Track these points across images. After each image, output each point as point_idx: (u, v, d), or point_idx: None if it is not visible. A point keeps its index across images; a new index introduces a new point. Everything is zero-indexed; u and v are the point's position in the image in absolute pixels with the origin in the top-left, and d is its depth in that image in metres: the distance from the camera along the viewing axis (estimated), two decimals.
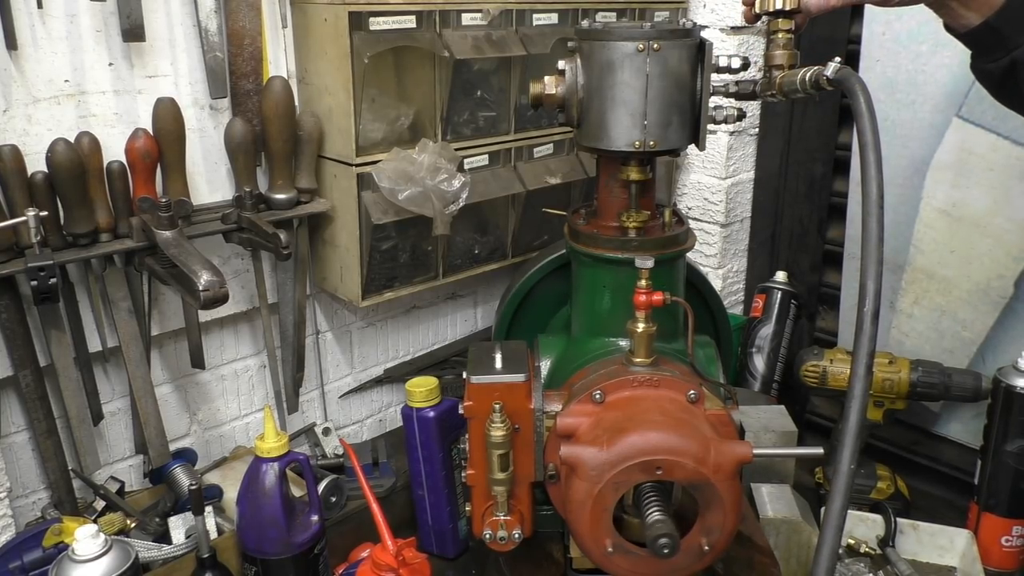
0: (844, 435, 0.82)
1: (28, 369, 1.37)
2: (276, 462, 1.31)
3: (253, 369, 1.75)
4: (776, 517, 1.49)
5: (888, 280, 1.85)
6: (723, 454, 1.02)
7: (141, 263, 1.42)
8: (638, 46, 1.12)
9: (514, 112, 1.77)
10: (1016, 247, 1.68)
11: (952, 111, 1.72)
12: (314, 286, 1.77)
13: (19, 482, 1.46)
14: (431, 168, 1.58)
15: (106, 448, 1.57)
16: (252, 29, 1.50)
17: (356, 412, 1.96)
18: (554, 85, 1.20)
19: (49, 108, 1.34)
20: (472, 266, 1.83)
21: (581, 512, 1.04)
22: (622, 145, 1.17)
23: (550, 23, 1.76)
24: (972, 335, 1.79)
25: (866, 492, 1.74)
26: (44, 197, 1.31)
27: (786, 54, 1.12)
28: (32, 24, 1.30)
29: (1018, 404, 1.50)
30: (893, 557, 1.53)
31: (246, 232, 1.49)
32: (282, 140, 1.52)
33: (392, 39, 1.52)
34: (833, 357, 1.77)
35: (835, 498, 0.81)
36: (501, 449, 1.11)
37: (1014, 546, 1.55)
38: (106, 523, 1.38)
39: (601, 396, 1.10)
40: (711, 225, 2.19)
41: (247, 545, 1.34)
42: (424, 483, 1.53)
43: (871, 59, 1.83)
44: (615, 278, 1.25)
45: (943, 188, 1.76)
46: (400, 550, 1.33)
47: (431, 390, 1.49)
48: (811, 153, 2.06)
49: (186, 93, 1.48)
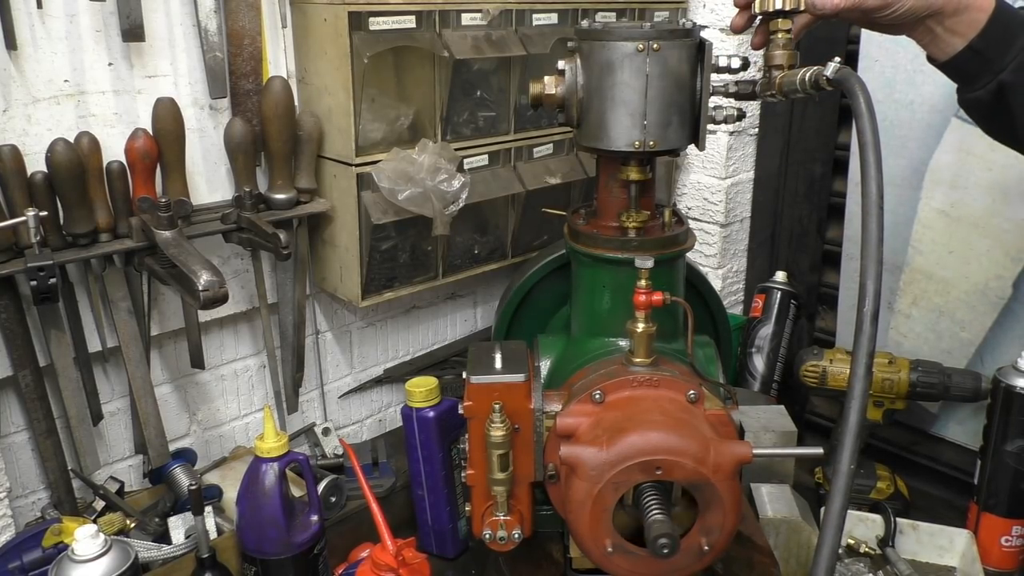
0: (844, 435, 0.82)
1: (28, 369, 1.37)
2: (276, 462, 1.31)
3: (253, 369, 1.75)
4: (776, 517, 1.49)
5: (886, 280, 1.85)
6: (723, 454, 1.02)
7: (141, 263, 1.42)
8: (638, 46, 1.12)
9: (514, 112, 1.77)
10: (1015, 248, 1.68)
11: (951, 111, 1.71)
12: (314, 286, 1.77)
13: (19, 482, 1.46)
14: (431, 168, 1.58)
15: (106, 448, 1.57)
16: (252, 29, 1.50)
17: (356, 412, 1.96)
18: (554, 85, 1.20)
19: (49, 108, 1.34)
20: (472, 266, 1.83)
21: (581, 512, 1.04)
22: (622, 145, 1.17)
23: (550, 23, 1.76)
24: (970, 336, 1.79)
25: (866, 492, 1.75)
26: (44, 197, 1.31)
27: (786, 54, 1.12)
28: (32, 24, 1.30)
29: (1018, 404, 1.50)
30: (893, 557, 1.53)
31: (246, 232, 1.49)
32: (282, 140, 1.52)
33: (392, 39, 1.52)
34: (833, 357, 1.77)
35: (835, 498, 0.81)
36: (501, 449, 1.12)
37: (1014, 546, 1.55)
38: (106, 523, 1.38)
39: (601, 396, 1.10)
40: (711, 225, 2.19)
41: (247, 545, 1.34)
42: (424, 483, 1.53)
43: (870, 59, 1.83)
44: (615, 278, 1.25)
45: (942, 188, 1.76)
46: (400, 550, 1.33)
47: (431, 390, 1.49)
48: (810, 153, 2.06)
49: (186, 93, 1.48)
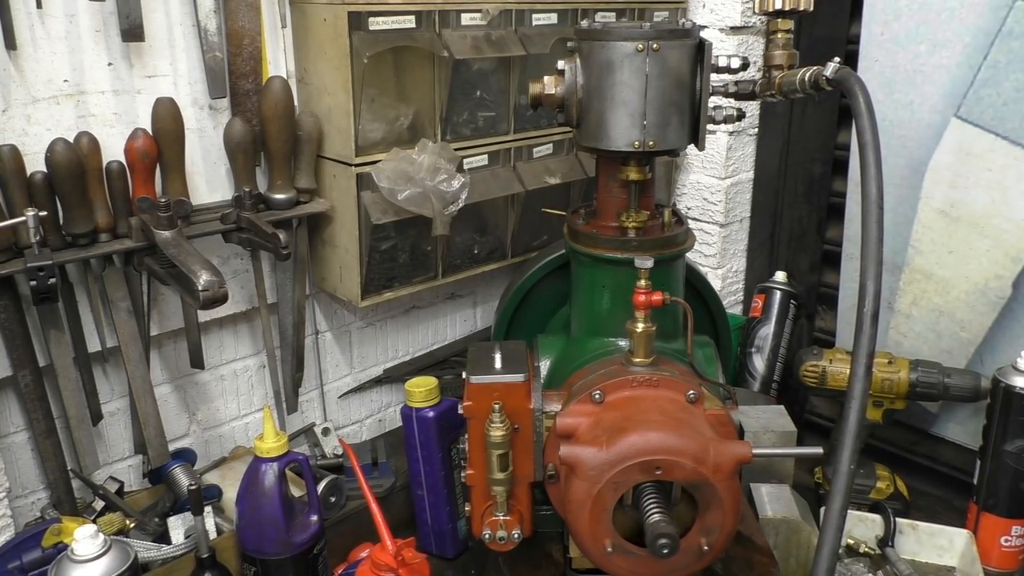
0: (843, 435, 0.82)
1: (27, 369, 1.37)
2: (275, 462, 1.31)
3: (252, 369, 1.75)
4: (775, 517, 1.49)
5: (886, 280, 1.85)
6: (722, 454, 1.02)
7: (140, 263, 1.42)
8: (637, 46, 1.12)
9: (513, 112, 1.77)
10: (1014, 247, 1.68)
11: (950, 111, 1.72)
12: (313, 286, 1.77)
13: (18, 482, 1.46)
14: (430, 168, 1.58)
15: (105, 448, 1.57)
16: (251, 29, 1.50)
17: (355, 412, 1.96)
18: (553, 85, 1.20)
19: (48, 108, 1.34)
20: (471, 266, 1.83)
21: (580, 512, 1.04)
22: (621, 145, 1.17)
23: (549, 23, 1.76)
24: (970, 335, 1.79)
25: (865, 492, 1.75)
26: (43, 197, 1.31)
27: (785, 54, 1.12)
28: (31, 24, 1.30)
29: (1017, 404, 1.50)
30: (892, 557, 1.53)
31: (245, 232, 1.49)
32: (281, 140, 1.52)
33: (391, 39, 1.52)
34: (832, 357, 1.77)
35: (835, 498, 0.81)
36: (500, 449, 1.12)
37: (1013, 546, 1.55)
38: (105, 523, 1.38)
39: (600, 396, 1.10)
40: (710, 225, 2.19)
41: (246, 545, 1.34)
42: (423, 483, 1.52)
43: (870, 59, 1.83)
44: (614, 278, 1.25)
45: (941, 188, 1.76)
46: (399, 550, 1.33)
47: (430, 390, 1.49)
48: (810, 153, 2.06)
49: (185, 93, 1.48)
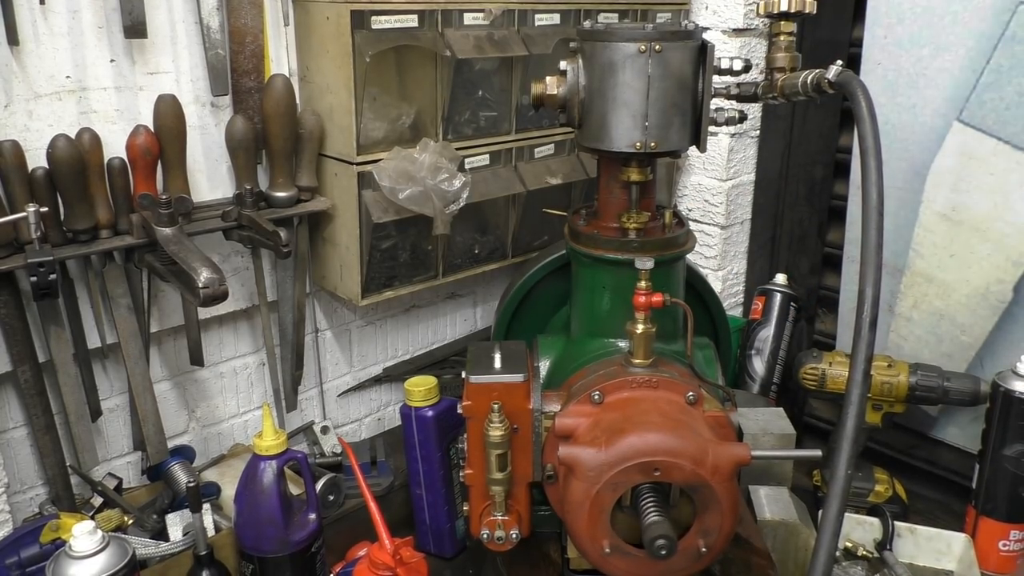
0: (840, 440, 0.82)
1: (27, 365, 1.37)
2: (274, 460, 1.31)
3: (252, 367, 1.75)
4: (774, 519, 1.49)
5: (887, 283, 1.85)
6: (721, 456, 1.02)
7: (141, 260, 1.42)
8: (640, 47, 1.12)
9: (515, 112, 1.77)
10: (1016, 251, 1.68)
11: (953, 115, 1.71)
12: (314, 284, 1.77)
13: (17, 478, 1.47)
14: (432, 167, 1.58)
15: (104, 444, 1.57)
16: (254, 27, 1.50)
17: (355, 411, 1.96)
18: (555, 85, 1.20)
19: (50, 104, 1.34)
20: (472, 266, 1.83)
21: (579, 513, 1.04)
22: (623, 146, 1.17)
23: (552, 23, 1.76)
24: (971, 339, 1.79)
25: (864, 495, 1.74)
26: (44, 193, 1.31)
27: (788, 57, 1.12)
28: (34, 20, 1.30)
29: (1016, 408, 1.50)
30: (890, 560, 1.53)
31: (246, 230, 1.49)
32: (283, 138, 1.52)
33: (394, 38, 1.52)
34: (832, 360, 1.76)
35: (832, 502, 0.81)
36: (499, 449, 1.11)
37: (1012, 550, 1.55)
38: (103, 519, 1.38)
39: (600, 397, 1.10)
40: (711, 227, 2.19)
41: (244, 543, 1.34)
42: (422, 482, 1.52)
43: (872, 62, 1.82)
44: (615, 279, 1.25)
45: (943, 192, 1.76)
46: (397, 549, 1.33)
47: (430, 389, 1.48)
48: (812, 156, 2.06)
49: (187, 90, 1.48)
